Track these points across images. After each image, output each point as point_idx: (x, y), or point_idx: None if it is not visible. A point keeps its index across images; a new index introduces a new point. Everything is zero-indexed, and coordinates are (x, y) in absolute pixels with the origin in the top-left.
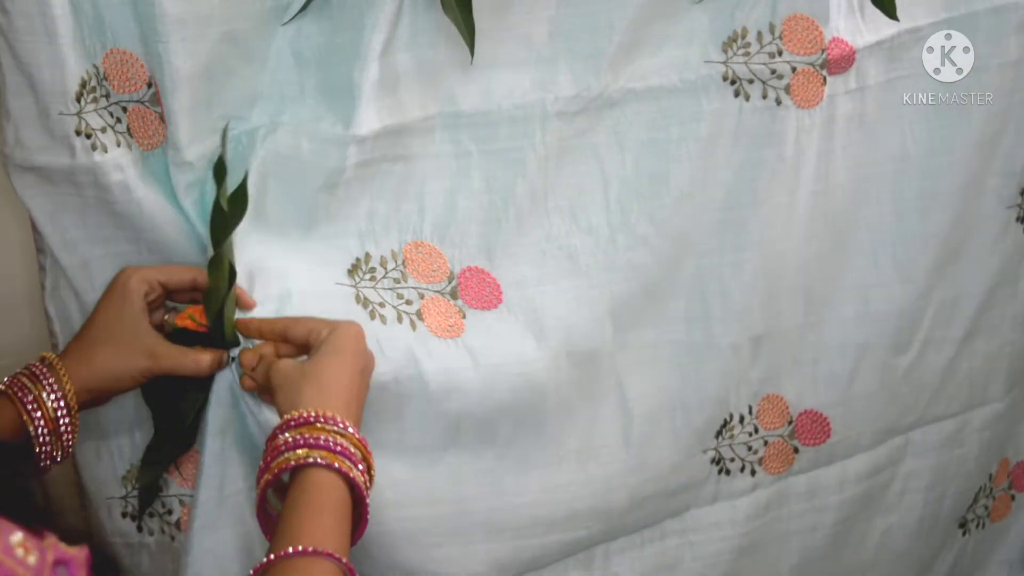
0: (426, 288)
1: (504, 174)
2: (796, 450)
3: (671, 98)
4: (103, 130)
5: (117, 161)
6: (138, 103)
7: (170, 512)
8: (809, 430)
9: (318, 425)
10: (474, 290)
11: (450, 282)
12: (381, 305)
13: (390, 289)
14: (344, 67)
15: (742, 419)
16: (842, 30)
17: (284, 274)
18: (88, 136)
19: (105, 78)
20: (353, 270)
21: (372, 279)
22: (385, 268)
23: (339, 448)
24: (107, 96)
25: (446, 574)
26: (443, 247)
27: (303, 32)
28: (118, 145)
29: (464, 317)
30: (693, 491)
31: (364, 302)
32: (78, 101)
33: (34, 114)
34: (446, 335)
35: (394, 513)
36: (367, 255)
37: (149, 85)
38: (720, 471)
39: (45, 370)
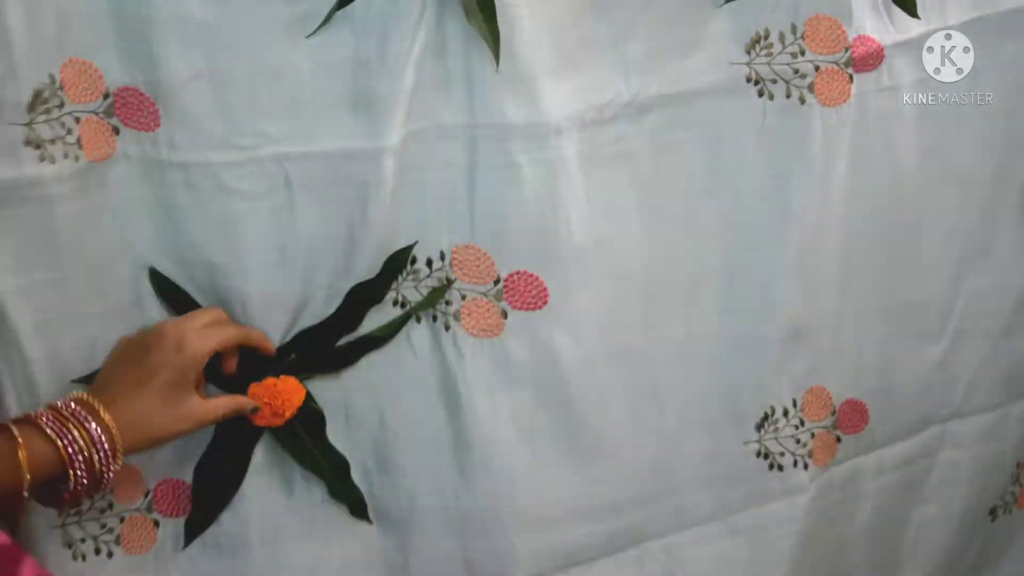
0: (469, 289)
1: (552, 183)
2: (838, 439)
3: (699, 101)
4: (52, 141)
5: (61, 173)
6: (92, 113)
7: (110, 531)
8: (850, 418)
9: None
10: (520, 292)
11: (496, 284)
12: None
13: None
14: (368, 78)
15: (786, 412)
16: (868, 28)
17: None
18: (37, 147)
19: (61, 87)
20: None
21: (415, 279)
22: (431, 268)
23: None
24: (60, 106)
25: (485, 563)
26: (492, 251)
27: (322, 43)
28: (65, 156)
29: (505, 317)
30: (744, 486)
31: (402, 303)
32: (30, 111)
33: None
34: (483, 335)
35: (436, 503)
36: (413, 258)
37: (106, 96)
38: (771, 466)
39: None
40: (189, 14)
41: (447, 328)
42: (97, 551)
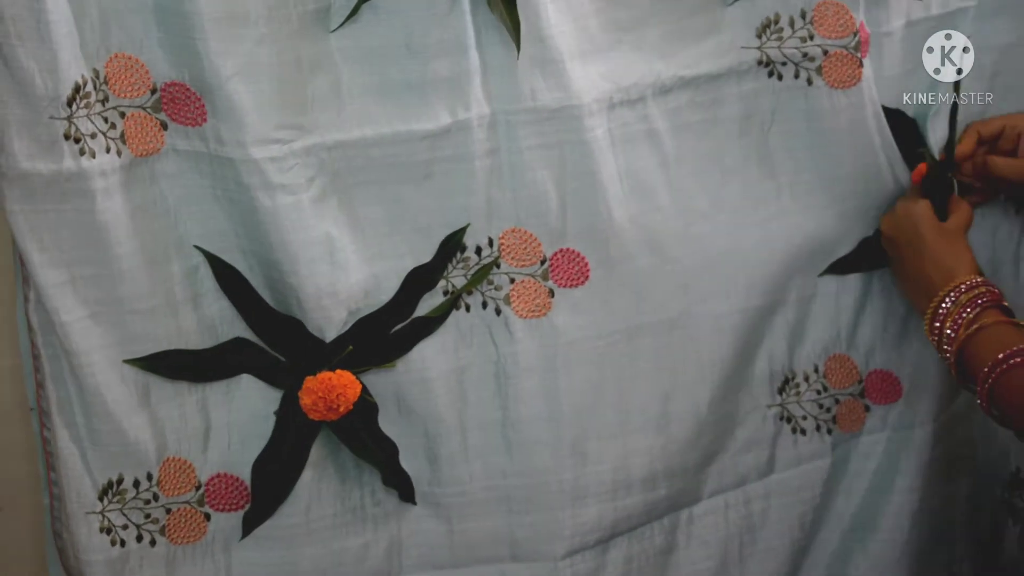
0: (517, 272)
1: (588, 162)
2: (867, 408)
3: (715, 82)
4: (93, 136)
5: (103, 167)
6: (139, 108)
7: (155, 521)
8: (879, 389)
9: None
10: (564, 270)
11: (542, 264)
12: (468, 292)
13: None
14: (401, 66)
15: (807, 378)
16: (865, 15)
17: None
18: (77, 141)
19: (106, 82)
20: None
21: (465, 267)
22: (480, 256)
23: None
24: (104, 101)
25: (530, 538)
26: (538, 232)
27: (352, 34)
28: (107, 151)
29: (552, 296)
30: (767, 451)
31: (452, 291)
32: (69, 106)
33: (23, 120)
34: (531, 315)
35: (484, 483)
36: (463, 246)
37: (153, 91)
38: (794, 430)
39: None
40: (228, 9)
41: (498, 312)
42: (139, 538)
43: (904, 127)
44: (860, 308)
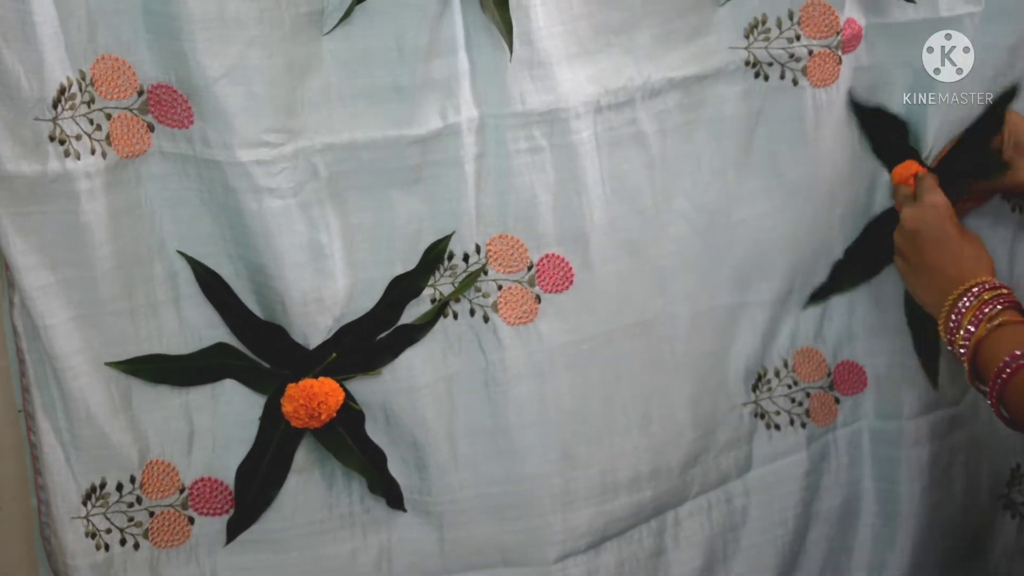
0: (505, 279)
1: (574, 165)
2: (837, 400)
3: (702, 84)
4: (78, 137)
5: (87, 169)
6: (125, 110)
7: (138, 524)
8: (846, 380)
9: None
10: (550, 275)
11: (529, 270)
12: (456, 300)
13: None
14: (390, 69)
15: (778, 373)
16: (854, 11)
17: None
18: (62, 142)
19: (92, 83)
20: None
21: (452, 274)
22: (467, 263)
23: None
24: (90, 102)
25: (522, 544)
26: (525, 238)
27: (343, 36)
28: (92, 152)
29: (539, 302)
30: (744, 447)
31: (440, 299)
32: (55, 107)
33: (8, 121)
34: (519, 322)
35: (474, 491)
36: (450, 253)
37: (140, 93)
38: (768, 426)
39: None
40: (217, 11)
41: (486, 320)
42: (123, 542)
43: (889, 125)
44: (827, 301)
